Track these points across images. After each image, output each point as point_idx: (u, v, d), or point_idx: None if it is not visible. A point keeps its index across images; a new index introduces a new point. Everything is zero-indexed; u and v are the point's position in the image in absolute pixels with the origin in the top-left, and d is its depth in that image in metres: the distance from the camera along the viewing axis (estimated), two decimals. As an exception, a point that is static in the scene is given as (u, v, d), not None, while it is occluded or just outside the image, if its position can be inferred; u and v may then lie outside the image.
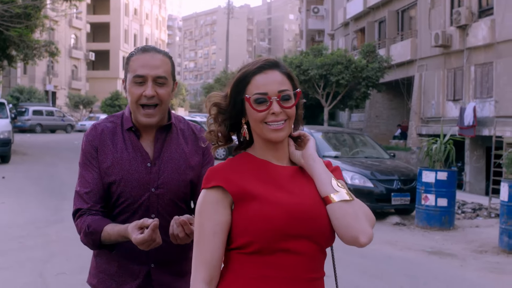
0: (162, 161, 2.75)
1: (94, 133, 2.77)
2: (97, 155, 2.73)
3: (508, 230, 9.41)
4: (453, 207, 11.51)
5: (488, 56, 23.39)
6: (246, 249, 2.00)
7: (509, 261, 8.94)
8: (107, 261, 2.78)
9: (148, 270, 2.73)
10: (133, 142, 2.75)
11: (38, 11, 26.84)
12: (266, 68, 2.10)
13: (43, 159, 22.81)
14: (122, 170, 2.70)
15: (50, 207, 12.30)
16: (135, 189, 2.69)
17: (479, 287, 7.51)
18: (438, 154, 11.47)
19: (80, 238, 2.69)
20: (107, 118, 2.87)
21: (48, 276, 7.26)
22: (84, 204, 2.69)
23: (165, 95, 2.70)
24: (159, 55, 2.70)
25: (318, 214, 2.01)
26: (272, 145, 2.12)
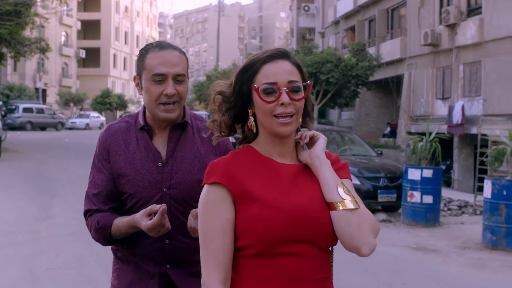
0: (175, 160, 2.70)
1: (106, 134, 2.76)
2: (109, 156, 2.71)
3: (491, 226, 9.56)
4: (438, 204, 11.67)
5: (477, 55, 23.54)
6: (246, 251, 1.95)
7: (491, 257, 9.09)
8: (125, 261, 2.77)
9: (163, 271, 2.70)
10: (145, 141, 2.72)
11: (29, 9, 26.87)
12: (276, 57, 2.03)
13: (33, 156, 22.83)
14: (134, 170, 2.67)
15: (40, 204, 12.38)
16: (146, 189, 2.66)
17: (460, 282, 7.64)
18: (423, 152, 11.62)
19: (92, 235, 2.72)
20: (123, 118, 2.85)
21: (38, 271, 7.36)
22: (93, 206, 2.71)
23: (184, 92, 2.67)
24: (176, 52, 2.66)
25: (320, 218, 1.95)
26: (278, 140, 2.05)
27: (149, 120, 2.73)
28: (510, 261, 8.80)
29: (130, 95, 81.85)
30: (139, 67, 2.70)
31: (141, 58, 2.68)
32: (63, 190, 14.43)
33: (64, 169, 18.76)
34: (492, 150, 10.24)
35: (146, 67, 2.63)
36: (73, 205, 12.29)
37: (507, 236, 9.40)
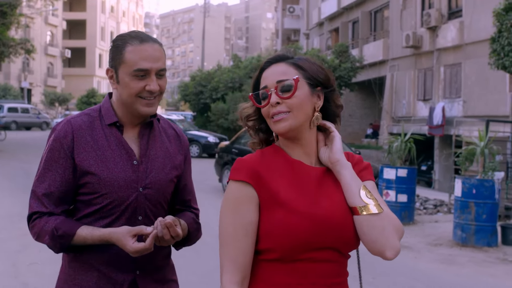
0: (149, 159, 2.55)
1: (67, 129, 2.48)
2: (74, 153, 2.45)
3: (461, 224, 9.91)
4: (412, 203, 12.01)
5: (457, 57, 23.93)
6: (266, 255, 1.92)
7: (461, 253, 9.43)
8: (84, 271, 2.48)
9: (133, 278, 2.49)
10: (117, 138, 2.52)
11: (14, 9, 26.96)
12: (273, 62, 2.04)
13: (18, 156, 22.98)
14: (107, 168, 2.45)
15: (24, 202, 12.47)
16: (122, 189, 2.46)
17: (429, 277, 7.96)
18: (398, 152, 11.95)
19: (45, 241, 2.43)
20: (82, 113, 2.60)
21: (21, 266, 7.62)
22: (43, 208, 2.44)
23: (165, 85, 2.54)
24: (156, 45, 2.50)
25: (344, 224, 1.93)
26: (294, 141, 2.02)
27: (120, 116, 2.55)
28: (478, 257, 9.14)
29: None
30: (115, 59, 2.49)
31: (118, 50, 2.48)
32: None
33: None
34: (463, 150, 10.58)
35: (125, 61, 2.45)
36: (57, 204, 12.52)
37: (477, 233, 9.76)
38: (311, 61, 2.05)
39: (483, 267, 8.60)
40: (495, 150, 10.37)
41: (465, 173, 10.84)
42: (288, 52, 2.07)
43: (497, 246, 9.83)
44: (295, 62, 2.02)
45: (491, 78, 20.22)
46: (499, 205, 10.08)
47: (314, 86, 2.01)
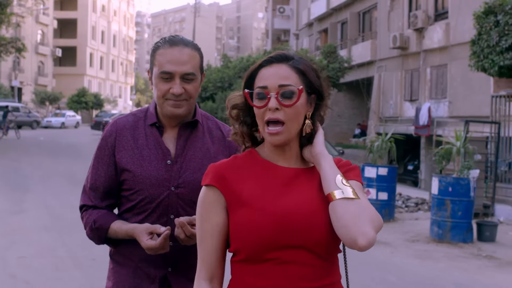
0: (185, 159, 2.63)
1: (113, 128, 2.66)
2: (115, 151, 2.62)
3: (438, 221, 10.22)
4: (393, 201, 12.32)
5: (443, 58, 24.17)
6: (237, 256, 1.93)
7: (437, 249, 9.73)
8: (123, 263, 2.66)
9: (164, 274, 2.60)
10: (155, 138, 2.64)
11: (4, 8, 27.13)
12: (274, 61, 1.97)
13: (7, 154, 23.19)
14: (141, 166, 2.59)
15: (13, 199, 12.82)
16: (153, 187, 2.57)
17: (403, 271, 8.25)
18: (379, 151, 12.25)
19: (86, 232, 2.66)
20: (130, 113, 2.76)
21: (10, 260, 7.86)
22: (89, 201, 2.66)
23: (193, 90, 2.59)
24: (187, 49, 2.57)
25: (313, 223, 1.87)
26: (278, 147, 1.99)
27: (160, 117, 2.66)
28: (453, 253, 9.44)
29: (106, 94, 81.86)
30: (151, 62, 2.64)
31: (153, 53, 2.61)
32: (36, 186, 14.87)
33: (38, 166, 19.18)
34: (440, 149, 10.89)
35: (156, 63, 2.57)
36: (45, 200, 12.79)
37: (452, 229, 10.06)
38: (309, 65, 2.00)
39: (456, 262, 8.90)
40: (471, 149, 10.67)
41: (444, 171, 11.14)
42: (289, 53, 2.01)
43: (472, 242, 10.13)
44: (298, 67, 1.96)
45: (476, 80, 20.50)
46: (474, 203, 10.38)
47: (310, 93, 1.98)
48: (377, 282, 7.39)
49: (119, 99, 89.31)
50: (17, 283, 6.90)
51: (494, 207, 13.17)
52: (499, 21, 13.39)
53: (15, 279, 7.03)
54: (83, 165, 3.59)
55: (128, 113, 2.77)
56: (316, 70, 2.01)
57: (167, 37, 2.64)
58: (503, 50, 13.25)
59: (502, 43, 13.24)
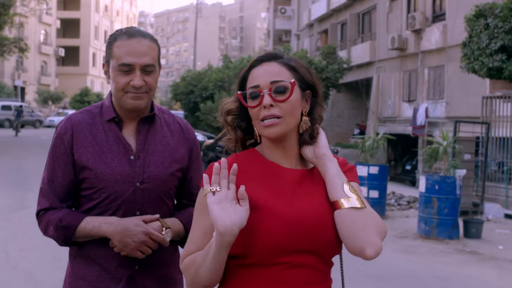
0: (147, 153, 2.54)
1: (67, 126, 2.53)
2: (73, 149, 2.49)
3: (425, 218, 10.57)
4: (384, 199, 12.67)
5: (440, 60, 24.47)
6: (242, 260, 1.85)
7: (423, 244, 10.07)
8: (86, 265, 2.52)
9: (131, 273, 2.50)
10: (115, 134, 2.54)
11: (7, 9, 27.48)
12: (264, 60, 1.95)
13: (10, 153, 23.61)
14: (104, 163, 2.48)
15: (15, 196, 13.20)
16: (118, 183, 2.47)
17: (387, 265, 8.55)
18: (371, 150, 12.60)
19: (49, 233, 2.50)
20: (84, 109, 2.64)
21: (11, 252, 8.25)
22: (49, 204, 2.50)
23: (153, 82, 2.51)
24: (145, 41, 2.49)
25: (321, 226, 1.85)
26: (278, 144, 1.95)
27: (118, 111, 2.57)
28: (437, 248, 9.78)
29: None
30: (107, 54, 2.54)
31: (109, 45, 2.51)
32: (38, 184, 15.09)
33: (40, 165, 19.38)
34: (427, 148, 11.23)
35: (113, 55, 2.48)
36: (46, 197, 13.14)
37: (439, 226, 10.41)
38: (300, 62, 1.99)
39: (440, 256, 9.23)
40: (457, 149, 11.02)
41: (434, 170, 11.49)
42: (279, 52, 2.00)
43: (458, 239, 10.47)
44: (288, 63, 1.95)
45: (472, 81, 20.75)
46: (460, 200, 10.72)
47: (304, 89, 1.96)
48: (362, 274, 7.72)
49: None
50: (18, 273, 7.28)
51: (484, 205, 13.51)
52: (489, 24, 13.75)
53: (17, 270, 7.41)
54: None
55: (81, 110, 2.65)
56: (307, 67, 1.99)
57: (123, 28, 2.56)
58: (493, 52, 13.61)
59: (492, 46, 13.60)
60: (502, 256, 9.34)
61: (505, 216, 13.03)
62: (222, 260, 1.80)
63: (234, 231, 1.73)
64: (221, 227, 1.72)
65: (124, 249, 2.41)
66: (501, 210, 13.28)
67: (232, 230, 1.72)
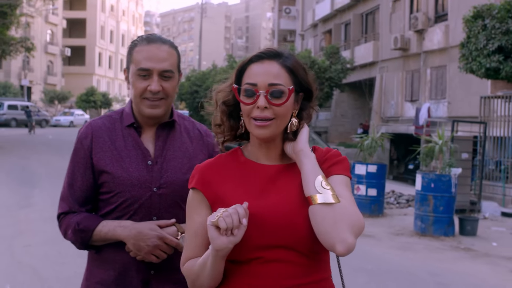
0: (165, 159, 2.58)
1: (87, 131, 2.59)
2: (92, 153, 2.55)
3: (421, 215, 10.78)
4: (382, 197, 12.88)
5: (443, 60, 24.61)
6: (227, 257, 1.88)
7: (418, 241, 10.28)
8: (103, 269, 2.56)
9: (147, 278, 2.52)
10: (134, 139, 2.58)
11: (14, 9, 27.78)
12: (265, 57, 1.94)
13: (17, 152, 23.91)
14: (121, 168, 2.52)
15: (21, 194, 13.47)
16: (135, 188, 2.50)
17: (380, 260, 8.79)
18: (369, 149, 12.82)
19: (68, 236, 2.55)
20: (105, 115, 2.69)
21: (17, 247, 8.52)
22: (68, 208, 2.56)
23: (171, 89, 2.54)
24: (165, 47, 2.52)
25: (292, 222, 1.86)
26: (263, 143, 1.98)
27: (137, 117, 2.60)
28: (433, 245, 9.99)
29: (115, 93, 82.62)
30: (128, 60, 2.59)
31: (130, 51, 2.57)
32: (43, 182, 15.50)
33: (46, 164, 19.85)
34: (423, 148, 11.44)
35: (133, 60, 2.52)
36: (52, 195, 13.35)
37: (434, 223, 10.62)
38: (298, 61, 1.98)
39: (434, 253, 9.44)
40: (453, 148, 11.24)
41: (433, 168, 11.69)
42: (281, 50, 1.98)
43: (453, 236, 10.68)
44: (288, 65, 1.93)
45: (474, 81, 20.85)
46: (455, 198, 10.92)
47: (298, 92, 1.97)
48: (355, 269, 7.92)
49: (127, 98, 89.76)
50: (23, 268, 7.53)
51: (481, 203, 13.71)
52: (487, 25, 13.94)
53: (21, 265, 7.66)
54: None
55: (102, 115, 2.70)
56: (305, 69, 1.99)
57: (144, 35, 2.61)
58: (490, 53, 13.80)
59: (489, 46, 13.78)
60: (496, 253, 9.55)
61: (501, 214, 13.22)
62: (220, 268, 1.87)
63: (229, 247, 1.79)
64: (218, 246, 1.77)
65: (139, 253, 2.44)
66: (498, 209, 13.48)
67: (227, 247, 1.78)
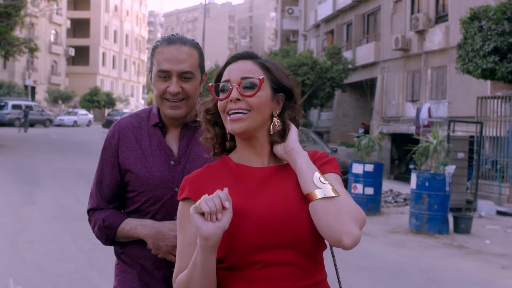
0: (188, 159, 2.57)
1: (115, 130, 2.64)
2: (119, 152, 2.60)
3: (416, 213, 10.99)
4: (379, 195, 13.09)
5: (443, 60, 24.75)
6: (222, 264, 1.87)
7: (413, 239, 10.49)
8: (129, 263, 2.63)
9: (168, 275, 2.53)
10: (158, 139, 2.59)
11: (18, 10, 28.03)
12: (240, 58, 2.00)
13: (20, 151, 24.19)
14: (145, 167, 2.55)
15: (24, 192, 13.70)
16: (157, 188, 2.52)
17: (375, 256, 8.99)
18: (366, 148, 13.03)
19: (95, 233, 2.63)
20: (134, 113, 2.73)
21: (20, 244, 8.74)
22: (95, 204, 2.64)
23: (191, 89, 2.51)
24: (185, 48, 2.50)
25: (293, 222, 1.84)
26: (246, 141, 1.98)
27: (162, 117, 2.62)
28: (427, 242, 10.19)
29: (119, 93, 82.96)
30: (151, 61, 2.59)
31: (152, 52, 2.57)
32: (46, 181, 15.75)
33: (48, 163, 20.11)
34: (419, 147, 11.65)
35: (154, 62, 2.53)
36: (54, 194, 13.65)
37: (429, 221, 10.83)
38: (279, 66, 2.02)
39: (428, 250, 9.65)
40: (447, 147, 11.44)
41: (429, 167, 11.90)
42: (256, 52, 2.04)
43: (448, 234, 10.88)
44: (262, 63, 1.99)
45: (473, 81, 21.02)
46: (450, 197, 11.12)
47: (276, 91, 1.98)
48: (349, 265, 8.14)
49: (131, 98, 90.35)
50: (26, 263, 7.77)
51: (477, 202, 13.91)
52: (483, 26, 14.14)
53: (24, 260, 7.89)
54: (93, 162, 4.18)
55: (131, 113, 2.74)
56: (284, 71, 2.02)
57: (166, 36, 2.60)
58: (486, 54, 14.00)
59: (485, 47, 13.98)
60: (488, 250, 9.75)
61: (497, 213, 13.42)
62: (210, 267, 1.81)
63: (217, 234, 1.74)
64: (204, 232, 1.73)
65: (158, 251, 2.48)
66: (493, 207, 13.68)
67: (215, 233, 1.73)
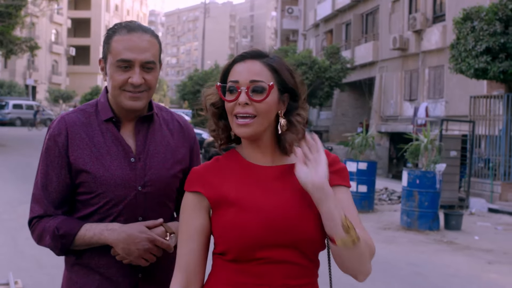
0: (147, 155, 2.38)
1: (60, 126, 2.36)
2: (68, 151, 2.32)
3: (407, 210, 11.24)
4: (372, 193, 13.34)
5: (440, 60, 24.93)
6: (225, 256, 1.90)
7: (404, 235, 10.73)
8: (86, 275, 2.36)
9: (135, 282, 2.36)
10: (113, 134, 2.37)
11: (19, 10, 28.26)
12: (248, 57, 1.95)
13: (20, 150, 24.40)
14: (102, 166, 2.31)
15: (24, 190, 13.87)
16: (119, 187, 2.31)
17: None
18: (360, 147, 13.27)
19: (45, 241, 2.32)
20: (77, 108, 2.46)
21: (20, 239, 8.99)
22: (42, 211, 2.33)
23: (153, 80, 2.34)
24: (146, 36, 2.31)
25: (299, 222, 1.87)
26: (250, 142, 1.98)
27: (115, 110, 2.40)
28: (417, 239, 10.44)
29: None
30: (104, 49, 2.37)
31: (107, 39, 2.35)
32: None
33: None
34: (410, 145, 11.88)
35: (111, 50, 2.31)
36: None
37: (419, 218, 11.07)
38: (285, 64, 1.98)
39: (417, 246, 9.89)
40: (438, 145, 11.67)
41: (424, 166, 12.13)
42: (264, 50, 1.99)
43: (438, 230, 11.13)
44: (271, 64, 1.94)
45: (470, 81, 21.17)
46: (440, 194, 11.36)
47: (282, 92, 1.96)
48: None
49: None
50: (25, 257, 8.03)
51: (469, 200, 14.14)
52: (475, 26, 14.37)
53: (24, 254, 8.16)
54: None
55: (74, 109, 2.47)
56: (291, 70, 1.99)
57: (123, 22, 2.39)
58: (478, 54, 14.24)
59: (478, 48, 14.22)
60: (476, 246, 9.99)
61: (488, 210, 13.67)
62: None
63: None
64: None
65: (128, 257, 2.27)
66: (485, 205, 13.92)
67: None
